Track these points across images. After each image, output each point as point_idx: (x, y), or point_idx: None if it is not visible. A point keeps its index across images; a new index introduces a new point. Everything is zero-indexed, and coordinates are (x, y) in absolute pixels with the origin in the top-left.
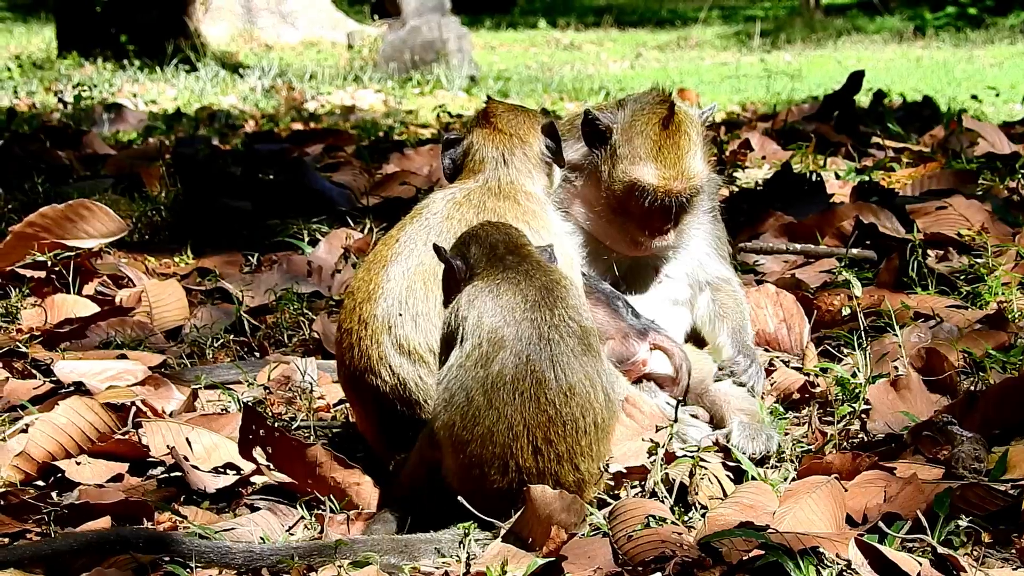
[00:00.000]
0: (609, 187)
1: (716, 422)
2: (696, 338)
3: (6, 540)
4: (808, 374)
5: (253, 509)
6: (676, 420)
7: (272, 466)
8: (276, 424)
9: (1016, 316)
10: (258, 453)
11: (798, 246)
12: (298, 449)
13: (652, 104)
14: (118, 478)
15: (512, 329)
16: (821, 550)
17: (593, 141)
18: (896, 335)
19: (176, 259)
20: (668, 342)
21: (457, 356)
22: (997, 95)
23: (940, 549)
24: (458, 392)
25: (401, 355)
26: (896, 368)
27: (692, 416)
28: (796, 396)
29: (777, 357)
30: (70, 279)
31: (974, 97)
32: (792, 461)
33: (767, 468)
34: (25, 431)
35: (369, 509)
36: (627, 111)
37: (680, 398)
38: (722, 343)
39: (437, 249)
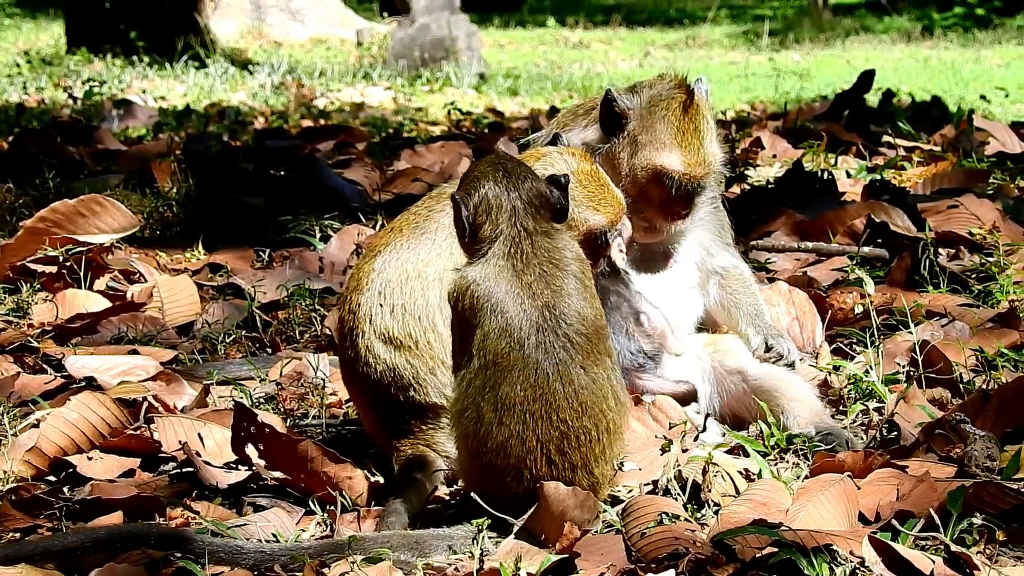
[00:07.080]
0: (630, 174)
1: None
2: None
3: (17, 535)
4: (821, 372)
5: (256, 508)
6: (704, 428)
7: (265, 463)
8: (289, 421)
9: None
10: (251, 451)
11: (810, 244)
12: (288, 445)
13: (669, 89)
14: (130, 473)
15: (518, 354)
16: (834, 548)
17: (611, 127)
18: (911, 332)
19: (188, 254)
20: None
21: (466, 370)
22: (1006, 95)
23: (953, 547)
24: (469, 407)
25: (384, 343)
26: (908, 366)
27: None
28: None
29: None
30: (81, 274)
31: (983, 97)
32: (805, 458)
33: (778, 465)
34: (36, 426)
35: (365, 504)
36: (643, 97)
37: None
38: (745, 331)
39: (453, 198)
